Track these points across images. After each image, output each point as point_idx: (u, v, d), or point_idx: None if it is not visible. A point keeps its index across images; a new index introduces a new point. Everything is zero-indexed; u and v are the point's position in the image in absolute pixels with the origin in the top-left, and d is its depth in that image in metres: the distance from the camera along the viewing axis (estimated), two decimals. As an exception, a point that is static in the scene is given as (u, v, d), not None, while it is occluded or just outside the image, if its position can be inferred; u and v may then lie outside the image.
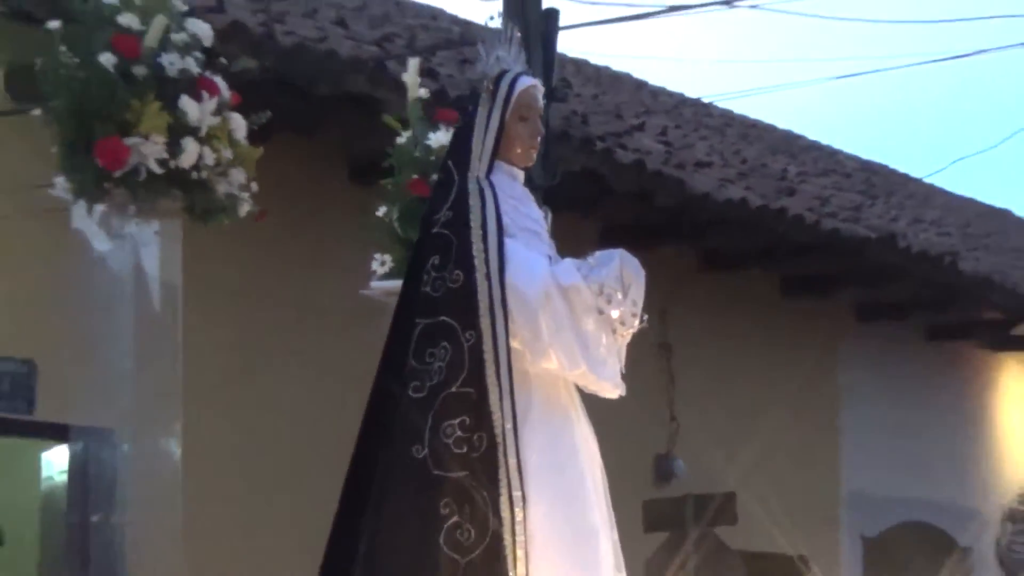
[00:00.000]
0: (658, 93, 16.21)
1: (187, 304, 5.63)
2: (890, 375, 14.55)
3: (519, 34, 5.49)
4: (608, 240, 9.11)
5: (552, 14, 9.65)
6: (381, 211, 6.27)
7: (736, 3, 11.22)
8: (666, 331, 11.14)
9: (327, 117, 9.32)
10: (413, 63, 6.56)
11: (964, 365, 15.63)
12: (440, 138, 6.23)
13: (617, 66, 16.46)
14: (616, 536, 5.44)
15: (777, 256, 12.50)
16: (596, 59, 15.74)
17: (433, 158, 6.18)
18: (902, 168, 19.22)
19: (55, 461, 10.75)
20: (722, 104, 16.37)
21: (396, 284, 6.12)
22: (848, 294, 13.59)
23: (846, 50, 15.25)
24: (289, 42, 8.94)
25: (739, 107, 16.86)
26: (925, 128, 42.23)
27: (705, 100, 16.65)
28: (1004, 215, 20.47)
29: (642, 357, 5.53)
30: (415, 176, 6.16)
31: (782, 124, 18.11)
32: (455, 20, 12.91)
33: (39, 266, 9.26)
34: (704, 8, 11.18)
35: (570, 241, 5.65)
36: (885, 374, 14.50)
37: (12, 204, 8.86)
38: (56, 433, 9.74)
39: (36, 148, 8.43)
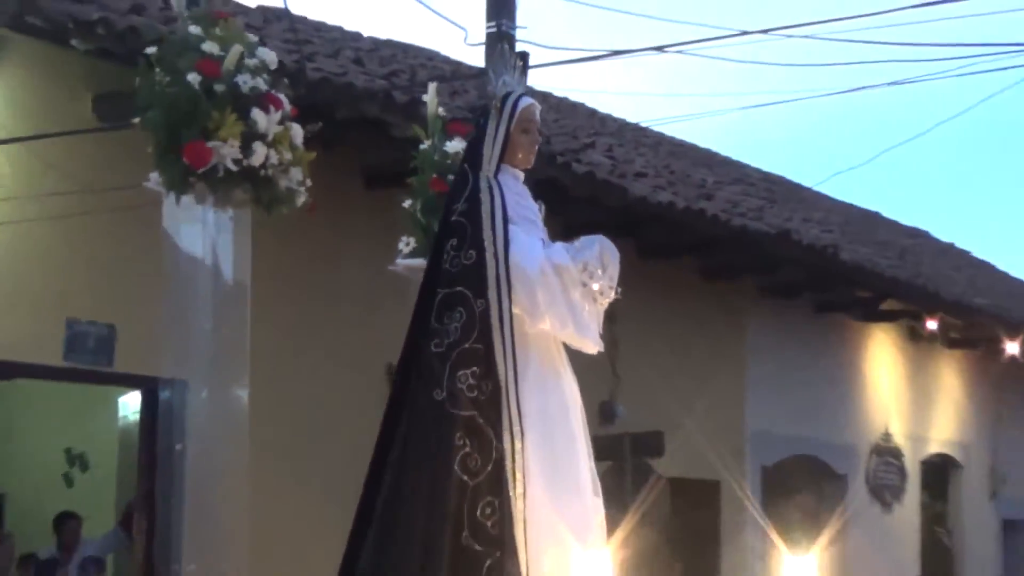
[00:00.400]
0: (605, 119, 16.17)
1: (254, 278, 5.50)
2: (785, 340, 14.58)
3: (521, 63, 5.43)
4: (568, 236, 9.10)
5: (524, 56, 9.61)
6: (407, 203, 6.17)
7: (667, 49, 11.13)
8: (612, 306, 11.13)
9: (346, 136, 9.24)
10: (432, 87, 6.41)
11: (842, 332, 15.62)
12: (454, 146, 6.10)
13: (574, 97, 16.44)
14: (593, 465, 5.41)
15: (698, 247, 12.48)
16: (558, 92, 15.66)
17: (449, 162, 6.06)
18: (795, 178, 19.25)
19: (130, 404, 10.83)
20: (656, 127, 16.35)
21: (416, 262, 6.07)
22: (753, 277, 13.58)
23: (753, 85, 15.29)
24: (316, 76, 8.87)
25: (669, 130, 16.89)
26: (813, 147, 42.61)
27: (643, 124, 16.63)
28: (874, 216, 20.49)
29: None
30: (435, 176, 6.06)
31: (703, 143, 18.14)
32: (447, 60, 12.76)
33: (128, 253, 9.38)
34: (641, 52, 11.14)
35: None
36: (781, 339, 14.54)
37: (98, 201, 8.90)
38: (135, 382, 10.08)
39: (116, 158, 8.89)
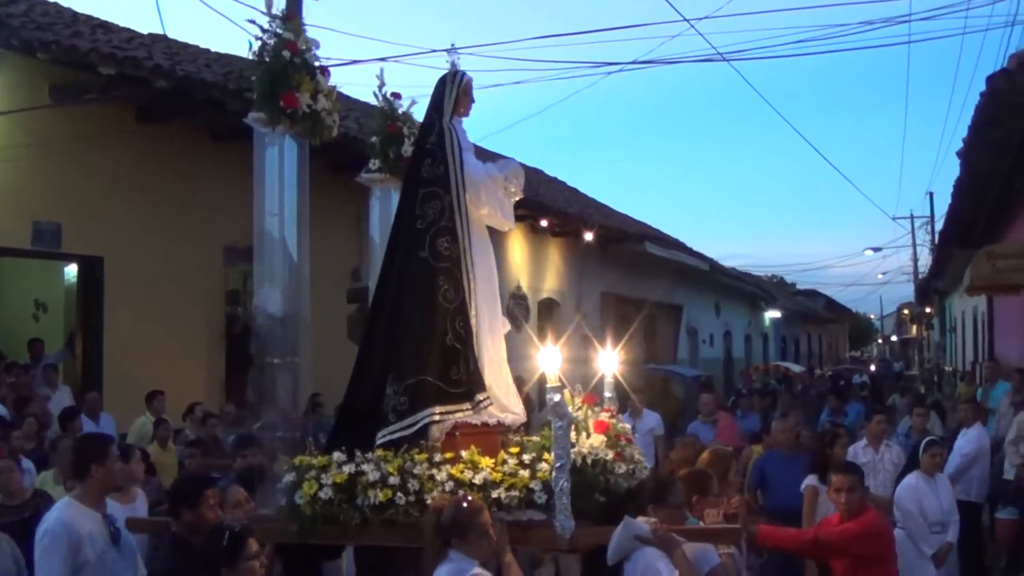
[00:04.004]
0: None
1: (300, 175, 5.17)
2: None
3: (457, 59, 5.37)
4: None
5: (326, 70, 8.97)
6: (373, 139, 6.05)
7: (388, 60, 10.73)
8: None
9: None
10: (382, 72, 6.20)
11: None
12: (399, 105, 5.98)
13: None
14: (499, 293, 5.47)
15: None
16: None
17: (400, 115, 5.97)
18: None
19: (72, 271, 10.95)
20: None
21: (375, 175, 5.99)
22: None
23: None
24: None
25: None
26: (477, 121, 42.86)
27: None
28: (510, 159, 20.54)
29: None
30: (388, 122, 5.98)
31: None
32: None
33: (66, 181, 9.87)
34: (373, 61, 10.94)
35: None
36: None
37: (47, 149, 9.37)
38: (74, 259, 10.54)
39: (60, 123, 9.56)
